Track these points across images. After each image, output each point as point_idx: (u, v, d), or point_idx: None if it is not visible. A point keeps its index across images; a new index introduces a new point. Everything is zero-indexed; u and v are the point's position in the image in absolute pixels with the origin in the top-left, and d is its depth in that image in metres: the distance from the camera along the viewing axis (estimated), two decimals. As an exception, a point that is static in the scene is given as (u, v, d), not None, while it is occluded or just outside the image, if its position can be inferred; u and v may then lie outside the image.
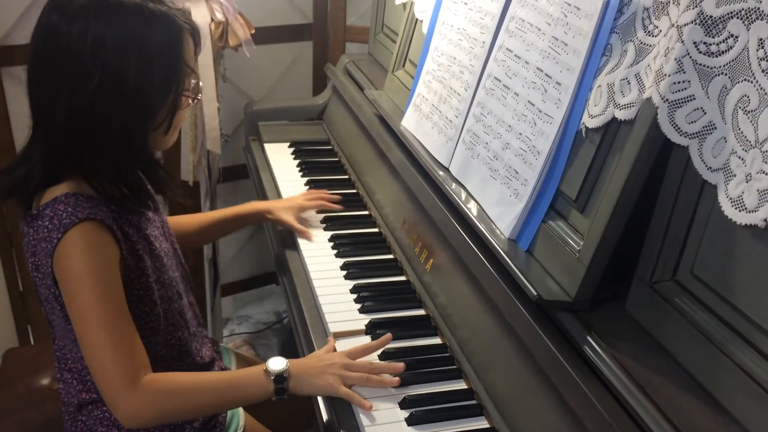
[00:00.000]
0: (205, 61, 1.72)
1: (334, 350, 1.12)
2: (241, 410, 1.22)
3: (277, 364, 1.03)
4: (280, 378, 1.02)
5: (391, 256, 1.40)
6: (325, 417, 1.05)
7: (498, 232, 1.09)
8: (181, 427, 1.11)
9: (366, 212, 1.56)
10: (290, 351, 1.95)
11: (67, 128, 0.96)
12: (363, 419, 1.00)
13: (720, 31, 0.78)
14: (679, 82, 0.81)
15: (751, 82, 0.74)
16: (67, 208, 0.95)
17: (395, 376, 1.06)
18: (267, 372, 1.02)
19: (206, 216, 1.41)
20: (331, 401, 1.05)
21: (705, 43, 0.79)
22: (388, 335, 1.13)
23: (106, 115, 0.96)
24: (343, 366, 1.05)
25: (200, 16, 1.68)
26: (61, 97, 0.94)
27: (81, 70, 0.93)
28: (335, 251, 1.40)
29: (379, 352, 1.12)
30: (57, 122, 0.95)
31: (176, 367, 1.13)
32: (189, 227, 1.36)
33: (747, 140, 0.75)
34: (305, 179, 1.69)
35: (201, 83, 1.07)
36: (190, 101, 1.05)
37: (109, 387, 0.95)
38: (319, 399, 1.07)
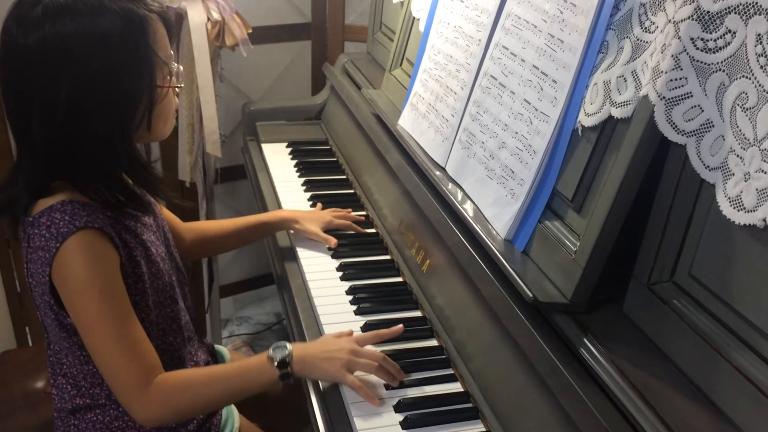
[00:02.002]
0: (202, 61, 1.70)
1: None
2: (235, 412, 1.22)
3: (279, 349, 1.03)
4: (283, 363, 1.02)
5: (387, 257, 1.39)
6: (319, 419, 1.03)
7: (494, 233, 1.08)
8: (176, 429, 1.10)
9: (363, 213, 1.54)
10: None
11: (47, 141, 0.94)
12: (357, 422, 0.99)
13: (717, 27, 0.76)
14: (676, 79, 0.79)
15: (750, 79, 0.73)
16: (64, 216, 0.94)
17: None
18: (270, 358, 1.02)
19: (230, 223, 1.38)
20: (325, 403, 1.04)
21: (702, 39, 0.78)
22: (401, 326, 1.12)
23: (83, 121, 0.94)
24: (351, 351, 1.04)
25: (197, 16, 1.67)
26: (36, 112, 0.93)
27: (48, 79, 0.91)
28: (331, 252, 1.39)
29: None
30: (36, 137, 0.94)
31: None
32: (211, 233, 1.35)
33: (745, 138, 0.73)
34: (302, 179, 1.68)
35: (181, 68, 1.04)
36: (170, 91, 1.02)
37: (124, 392, 0.97)
38: (314, 401, 1.06)
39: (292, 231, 1.43)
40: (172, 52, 1.02)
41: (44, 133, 0.94)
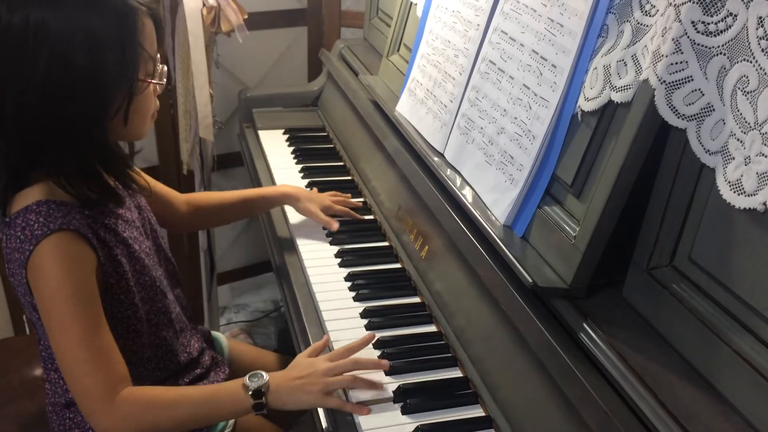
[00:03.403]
0: (197, 47, 1.69)
1: (323, 349, 1.08)
2: None
3: (255, 378, 0.98)
4: (258, 393, 0.97)
5: (386, 244, 1.39)
6: (318, 409, 1.04)
7: (493, 218, 1.07)
8: None
9: (361, 199, 1.54)
10: (287, 339, 1.94)
11: (20, 124, 0.92)
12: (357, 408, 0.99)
13: (718, 10, 0.76)
14: (676, 63, 0.79)
15: (751, 62, 0.72)
16: (39, 218, 0.92)
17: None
18: (245, 387, 0.97)
19: (230, 194, 1.36)
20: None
21: (703, 22, 0.77)
22: (371, 334, 1.10)
23: (57, 106, 0.91)
24: (324, 372, 0.99)
25: (192, 1, 1.66)
26: (9, 91, 0.91)
27: (26, 59, 0.89)
28: (330, 239, 1.39)
29: (369, 348, 1.09)
30: (8, 119, 0.92)
31: (164, 366, 1.11)
32: (209, 204, 1.33)
33: (746, 122, 0.73)
34: (300, 166, 1.67)
35: (165, 69, 1.01)
36: (151, 87, 1.00)
37: (87, 401, 0.94)
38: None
39: (291, 207, 1.43)
40: (158, 54, 1.00)
41: (17, 115, 0.92)
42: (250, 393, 0.97)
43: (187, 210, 1.31)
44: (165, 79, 1.02)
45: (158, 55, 1.00)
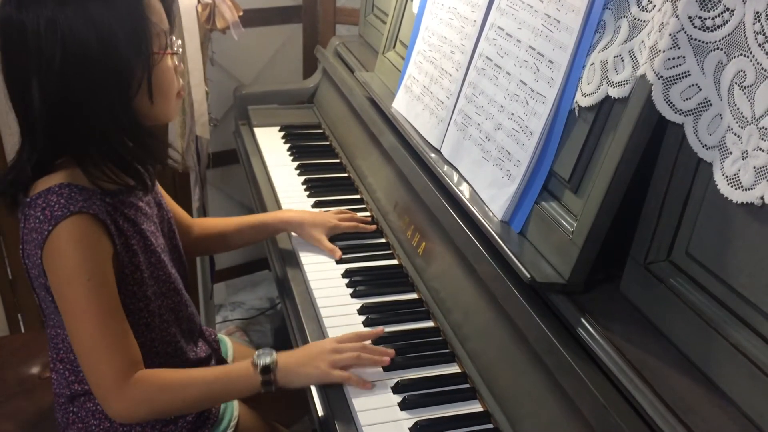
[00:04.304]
0: (192, 44, 1.69)
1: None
2: (235, 402, 1.21)
3: (264, 356, 1.01)
4: (266, 369, 1.00)
5: (383, 240, 1.39)
6: (318, 404, 1.04)
7: (491, 214, 1.08)
8: (174, 420, 1.10)
9: (357, 196, 1.54)
10: (283, 337, 1.94)
11: (47, 115, 0.93)
12: (355, 404, 0.99)
13: (715, 5, 0.76)
14: (673, 58, 0.79)
15: (748, 57, 0.73)
16: (60, 199, 0.93)
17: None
18: (254, 364, 1.00)
19: (233, 221, 1.35)
20: (323, 387, 1.04)
21: (700, 17, 0.77)
22: (381, 328, 1.11)
23: (80, 92, 0.93)
24: (333, 350, 1.03)
25: (187, -2, 1.65)
26: (33, 85, 0.92)
27: (42, 50, 0.90)
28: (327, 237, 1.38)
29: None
30: (36, 112, 0.93)
31: (171, 364, 1.11)
32: (214, 230, 1.32)
33: (743, 117, 0.73)
34: (296, 164, 1.67)
35: (180, 49, 1.03)
36: (169, 62, 1.00)
37: (101, 384, 0.95)
38: (312, 388, 1.06)
39: (295, 232, 1.38)
40: (168, 26, 1.01)
41: (43, 107, 0.93)
42: (259, 370, 0.99)
43: (197, 234, 1.30)
44: (180, 50, 1.01)
45: (169, 27, 1.00)
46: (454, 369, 1.07)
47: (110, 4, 0.92)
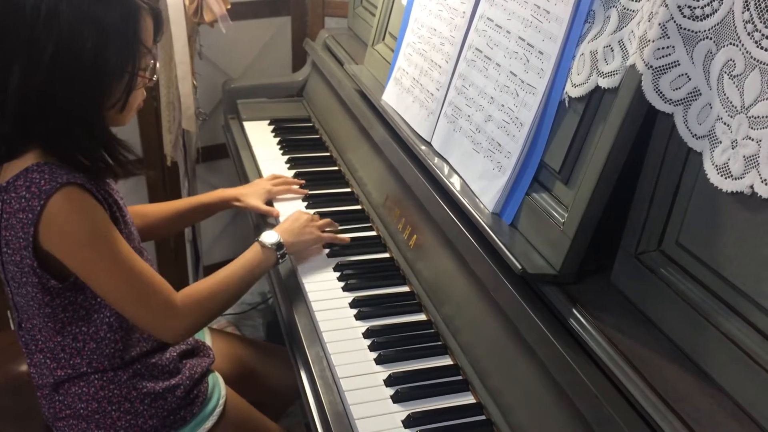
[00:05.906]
0: (179, 37, 1.67)
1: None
2: (221, 380, 1.22)
3: (270, 237, 1.20)
4: (280, 246, 1.19)
5: (374, 233, 1.38)
6: (310, 396, 1.04)
7: (481, 206, 1.07)
8: (164, 396, 1.10)
9: (348, 189, 1.54)
10: (275, 331, 1.94)
11: (21, 99, 0.94)
12: (348, 397, 0.99)
13: (705, -6, 0.76)
14: (663, 48, 0.79)
15: (737, 46, 0.73)
16: (43, 175, 0.94)
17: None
18: (267, 246, 1.18)
19: (170, 206, 1.38)
20: (315, 386, 1.03)
21: (689, 6, 0.77)
22: (347, 237, 1.33)
23: (61, 89, 0.94)
24: (311, 218, 1.29)
25: (174, -9, 1.64)
26: (15, 67, 0.93)
27: (34, 40, 0.91)
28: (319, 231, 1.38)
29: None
30: (10, 92, 0.93)
31: (153, 336, 1.12)
32: (151, 217, 1.34)
33: (733, 106, 0.73)
34: (286, 157, 1.66)
35: (158, 65, 1.06)
36: (146, 82, 1.04)
37: (157, 318, 1.03)
38: (305, 382, 1.06)
39: (234, 207, 1.44)
40: (153, 50, 1.03)
41: (19, 90, 0.93)
42: (275, 248, 1.19)
43: (136, 223, 1.29)
44: (155, 76, 1.06)
45: (153, 52, 1.03)
46: (446, 361, 1.07)
47: (113, 15, 0.94)
